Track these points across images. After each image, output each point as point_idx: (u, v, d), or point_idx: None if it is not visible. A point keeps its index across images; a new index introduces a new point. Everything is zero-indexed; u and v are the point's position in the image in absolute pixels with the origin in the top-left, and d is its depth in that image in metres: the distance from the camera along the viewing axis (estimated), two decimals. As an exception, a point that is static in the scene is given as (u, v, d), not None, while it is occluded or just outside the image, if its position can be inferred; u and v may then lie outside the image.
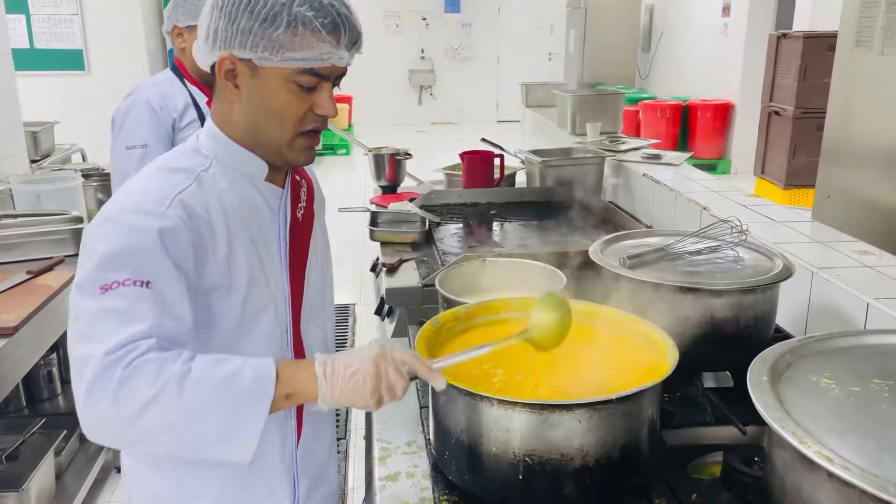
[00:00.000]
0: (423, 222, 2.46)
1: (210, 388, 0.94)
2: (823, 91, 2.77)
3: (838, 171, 2.55)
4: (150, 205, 1.04)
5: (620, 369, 1.20)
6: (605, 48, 8.49)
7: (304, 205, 1.26)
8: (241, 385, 0.95)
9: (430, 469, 1.23)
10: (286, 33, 1.04)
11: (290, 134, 1.11)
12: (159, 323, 0.98)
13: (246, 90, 1.10)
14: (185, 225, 1.04)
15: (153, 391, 0.92)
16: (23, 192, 2.70)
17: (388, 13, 12.27)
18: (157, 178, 1.09)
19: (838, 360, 1.07)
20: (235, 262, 1.10)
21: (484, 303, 1.40)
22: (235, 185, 1.14)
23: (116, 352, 0.93)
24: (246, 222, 1.13)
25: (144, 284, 0.99)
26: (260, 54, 1.06)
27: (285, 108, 1.09)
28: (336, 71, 1.11)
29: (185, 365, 0.95)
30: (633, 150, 3.23)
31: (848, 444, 0.85)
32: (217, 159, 1.14)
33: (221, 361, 0.98)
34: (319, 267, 1.29)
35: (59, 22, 5.65)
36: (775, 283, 1.46)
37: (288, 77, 1.07)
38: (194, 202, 1.07)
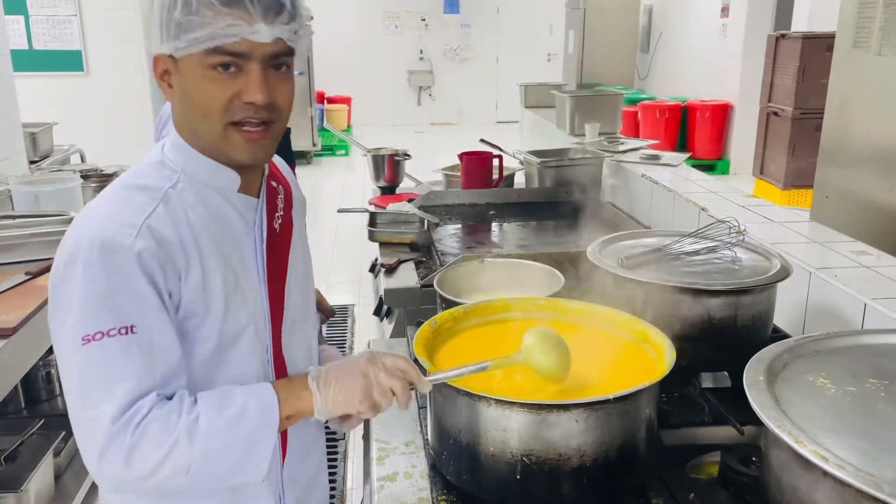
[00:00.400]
0: (421, 223, 2.46)
1: (220, 434, 0.97)
2: (822, 92, 2.78)
3: (836, 171, 2.55)
4: (117, 236, 0.97)
5: (618, 369, 1.20)
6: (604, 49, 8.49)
7: (282, 213, 1.19)
8: (250, 423, 0.99)
9: (428, 469, 1.23)
10: (183, 13, 0.97)
11: (218, 126, 1.02)
12: (151, 370, 0.97)
13: (176, 88, 1.04)
14: (156, 254, 0.99)
15: (164, 450, 0.95)
16: (21, 192, 2.70)
17: (387, 14, 12.28)
18: (122, 202, 1.02)
19: (835, 359, 1.07)
20: (210, 284, 1.04)
21: (482, 303, 1.40)
22: (205, 199, 1.07)
23: (121, 418, 0.94)
24: (218, 240, 1.07)
25: (129, 330, 0.96)
26: (172, 44, 1.00)
27: (205, 97, 1.01)
28: (260, 49, 0.99)
29: (190, 415, 0.97)
30: (631, 151, 3.24)
31: (844, 444, 0.85)
32: (185, 173, 1.07)
33: (225, 400, 1.00)
34: (300, 277, 1.22)
35: (58, 23, 5.65)
36: (773, 284, 1.47)
37: (200, 62, 0.99)
38: (163, 227, 1.01)
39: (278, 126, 1.07)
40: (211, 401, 0.99)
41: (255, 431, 0.99)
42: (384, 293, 2.10)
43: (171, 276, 1.01)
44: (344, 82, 11.50)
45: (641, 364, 1.20)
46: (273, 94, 1.03)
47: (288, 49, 1.03)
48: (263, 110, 1.02)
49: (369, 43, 12.19)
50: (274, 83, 1.03)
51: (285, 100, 1.06)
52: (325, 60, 10.44)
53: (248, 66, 1.00)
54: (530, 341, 1.14)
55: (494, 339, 1.31)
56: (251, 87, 1.00)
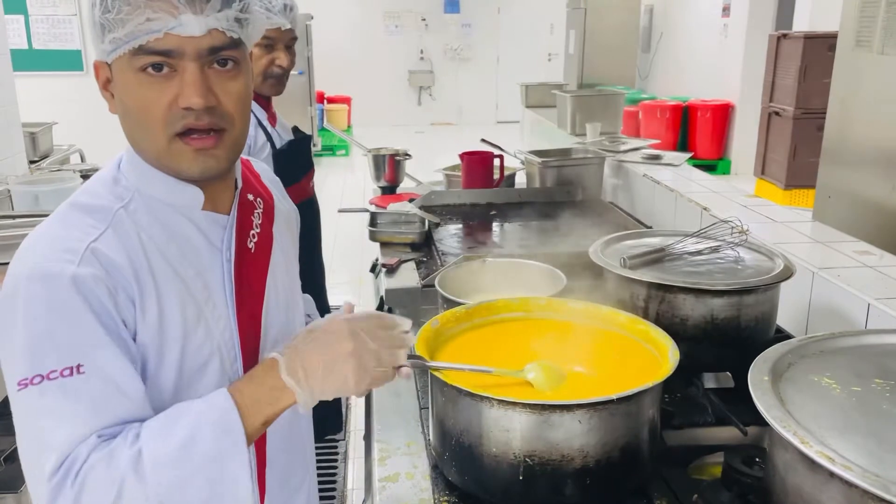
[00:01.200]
0: (422, 223, 2.45)
1: (172, 464, 0.82)
2: (823, 91, 2.78)
3: (839, 171, 2.55)
4: (56, 265, 0.86)
5: (621, 370, 1.19)
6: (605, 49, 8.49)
7: (259, 230, 1.06)
8: (205, 446, 0.84)
9: (429, 470, 1.22)
10: (101, 11, 0.86)
11: (162, 138, 0.90)
12: (102, 412, 0.84)
13: (116, 98, 0.93)
14: (103, 280, 0.87)
15: (112, 496, 0.81)
16: (21, 192, 2.70)
17: (388, 14, 12.28)
18: (66, 226, 0.91)
19: (839, 360, 1.07)
20: (166, 314, 0.92)
21: (484, 303, 1.39)
22: (163, 220, 0.96)
23: (57, 473, 0.81)
24: (177, 265, 0.95)
25: (74, 371, 0.84)
26: (98, 48, 0.89)
27: (140, 105, 0.89)
28: (193, 44, 0.86)
29: (132, 449, 0.82)
30: (633, 151, 3.23)
31: (849, 445, 0.85)
32: (139, 191, 0.96)
33: (170, 425, 0.85)
34: (282, 299, 1.10)
35: (58, 22, 5.65)
36: (776, 284, 1.46)
37: (128, 65, 0.88)
38: (111, 251, 0.90)
39: (233, 133, 0.94)
40: (153, 428, 0.85)
41: (215, 452, 0.84)
42: (385, 293, 2.09)
43: (123, 303, 0.89)
44: (344, 82, 11.50)
45: (644, 364, 1.20)
46: (216, 96, 0.90)
47: (230, 41, 0.90)
48: (206, 115, 0.90)
49: (369, 43, 12.19)
50: (218, 83, 0.90)
51: (234, 101, 0.92)
52: (325, 60, 10.45)
53: (182, 65, 0.88)
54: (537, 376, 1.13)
55: (497, 339, 1.30)
56: (186, 89, 0.88)
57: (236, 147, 0.97)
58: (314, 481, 1.28)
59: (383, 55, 12.33)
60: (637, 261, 1.55)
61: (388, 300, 2.10)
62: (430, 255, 2.32)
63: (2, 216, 2.53)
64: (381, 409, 1.45)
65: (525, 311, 1.39)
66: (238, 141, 0.96)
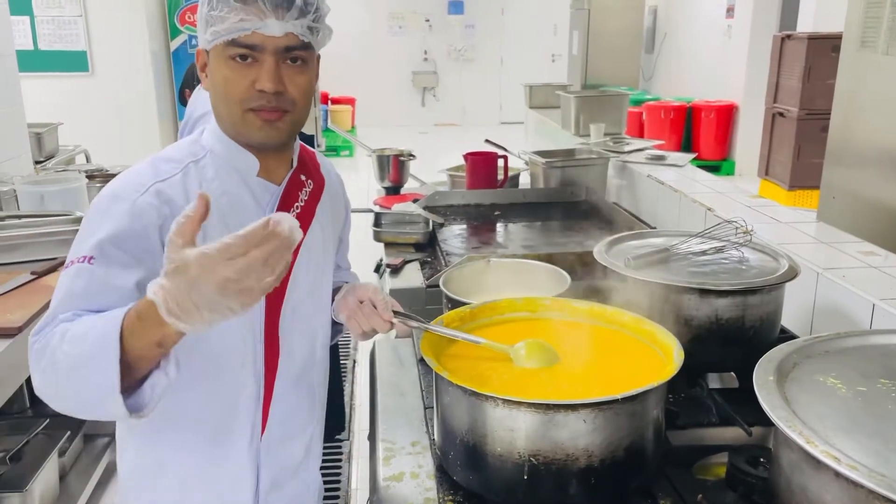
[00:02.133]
0: (426, 223, 2.46)
1: (70, 347, 0.94)
2: (828, 92, 2.77)
3: (843, 171, 2.54)
4: (126, 190, 1.09)
5: (625, 369, 1.20)
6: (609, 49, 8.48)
7: (302, 205, 1.25)
8: (90, 341, 0.92)
9: (434, 469, 1.23)
10: (207, 9, 1.09)
11: (237, 111, 1.12)
12: (88, 299, 1.01)
13: (209, 77, 1.15)
14: (156, 210, 1.08)
15: (45, 361, 0.96)
16: (27, 192, 2.70)
17: (392, 14, 12.29)
18: (147, 168, 1.14)
19: (845, 360, 1.07)
20: None
21: (489, 303, 1.39)
22: (224, 177, 1.17)
23: (37, 334, 1.00)
24: (226, 213, 1.14)
25: (87, 259, 1.03)
26: (202, 38, 1.12)
27: (225, 84, 1.11)
28: (272, 42, 1.08)
29: (67, 326, 0.97)
30: (637, 151, 3.23)
31: (855, 444, 0.85)
32: (212, 152, 1.18)
33: (92, 319, 0.96)
34: (313, 267, 1.27)
35: (63, 23, 5.66)
36: (781, 284, 1.46)
37: (221, 53, 1.10)
38: (172, 191, 1.11)
39: (295, 115, 1.15)
40: (86, 317, 0.98)
41: (96, 344, 0.90)
42: (389, 293, 2.09)
43: (166, 234, 0.99)
44: (348, 83, 11.51)
45: (649, 364, 1.20)
46: (285, 84, 1.11)
47: (301, 43, 1.11)
48: (275, 98, 1.10)
49: (373, 44, 12.20)
50: (287, 75, 1.11)
51: (299, 91, 1.13)
52: (329, 61, 10.39)
53: (263, 57, 1.09)
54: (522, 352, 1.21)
55: (501, 339, 1.30)
56: (262, 76, 1.09)
57: (295, 126, 1.17)
58: (319, 433, 1.39)
59: (387, 56, 12.34)
60: (641, 261, 1.55)
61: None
62: (434, 256, 2.32)
63: (8, 216, 2.53)
64: (385, 409, 1.45)
65: (529, 311, 1.39)
66: (298, 121, 1.17)
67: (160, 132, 5.66)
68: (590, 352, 1.26)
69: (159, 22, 6.02)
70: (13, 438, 2.35)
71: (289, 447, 1.30)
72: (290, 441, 1.30)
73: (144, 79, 5.71)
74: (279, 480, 1.29)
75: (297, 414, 1.31)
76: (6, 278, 2.16)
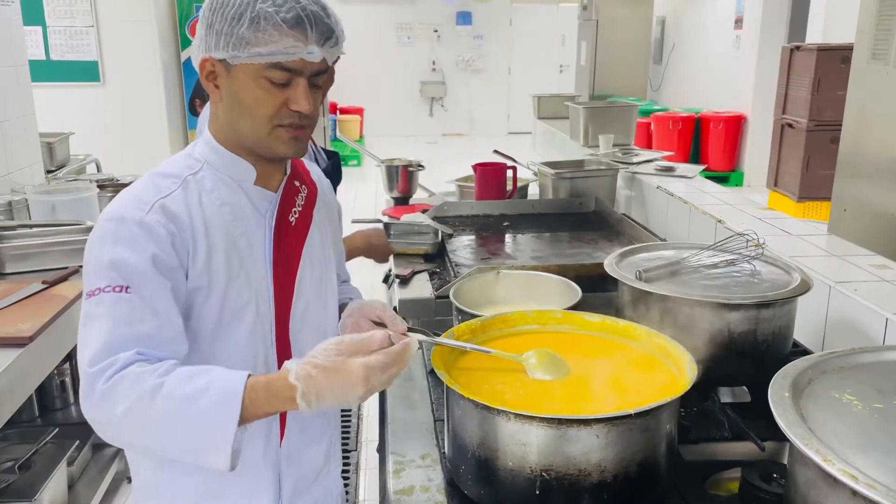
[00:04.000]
0: (435, 234, 2.45)
1: (176, 403, 0.99)
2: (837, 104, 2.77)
3: (854, 184, 2.53)
4: (132, 210, 1.11)
5: (638, 384, 1.19)
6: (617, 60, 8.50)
7: (300, 209, 1.28)
8: (207, 401, 0.99)
9: (444, 483, 1.22)
10: (250, 29, 1.08)
11: (265, 126, 1.14)
12: (136, 327, 1.05)
13: (224, 90, 1.15)
14: (164, 227, 1.10)
15: (127, 404, 1.00)
16: (38, 202, 2.72)
17: (400, 25, 12.35)
18: (146, 186, 1.15)
19: (860, 376, 1.06)
20: (214, 260, 1.15)
21: (499, 315, 1.39)
22: (222, 187, 1.19)
23: (97, 364, 1.02)
24: (228, 223, 1.17)
25: (123, 289, 1.06)
26: (231, 52, 1.10)
27: (256, 103, 1.12)
28: (310, 67, 1.12)
29: (159, 379, 1.00)
30: (646, 163, 3.23)
31: (872, 462, 0.84)
32: (208, 163, 1.20)
33: (196, 375, 1.02)
34: (317, 271, 1.30)
35: (75, 34, 5.70)
36: (793, 298, 1.45)
37: (257, 73, 1.10)
38: (176, 206, 1.13)
39: (311, 129, 1.20)
40: (182, 372, 1.02)
41: (212, 410, 0.99)
42: (399, 304, 2.09)
43: (180, 248, 1.11)
44: (356, 93, 11.55)
45: (661, 378, 1.19)
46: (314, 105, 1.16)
47: (327, 66, 1.16)
48: (305, 118, 1.15)
49: (382, 54, 12.25)
50: (312, 95, 1.15)
51: (317, 108, 1.19)
52: (337, 71, 10.38)
53: (297, 79, 1.12)
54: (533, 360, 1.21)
55: (512, 351, 1.30)
56: (300, 98, 1.12)
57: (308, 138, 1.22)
58: (337, 438, 1.43)
59: (396, 66, 12.39)
60: (653, 273, 1.54)
61: (401, 311, 2.10)
62: (443, 266, 2.32)
63: (19, 225, 2.55)
64: (395, 421, 1.45)
65: (541, 323, 1.38)
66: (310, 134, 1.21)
67: (170, 142, 5.69)
68: (602, 366, 1.26)
69: (170, 32, 6.06)
70: (22, 447, 2.35)
71: (309, 453, 1.32)
72: (311, 447, 1.32)
73: (155, 89, 5.74)
74: (301, 487, 1.31)
75: (315, 418, 1.32)
76: (17, 287, 2.17)
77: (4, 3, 3.12)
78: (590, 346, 1.32)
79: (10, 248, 2.37)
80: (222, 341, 1.17)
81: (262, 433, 1.23)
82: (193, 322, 1.15)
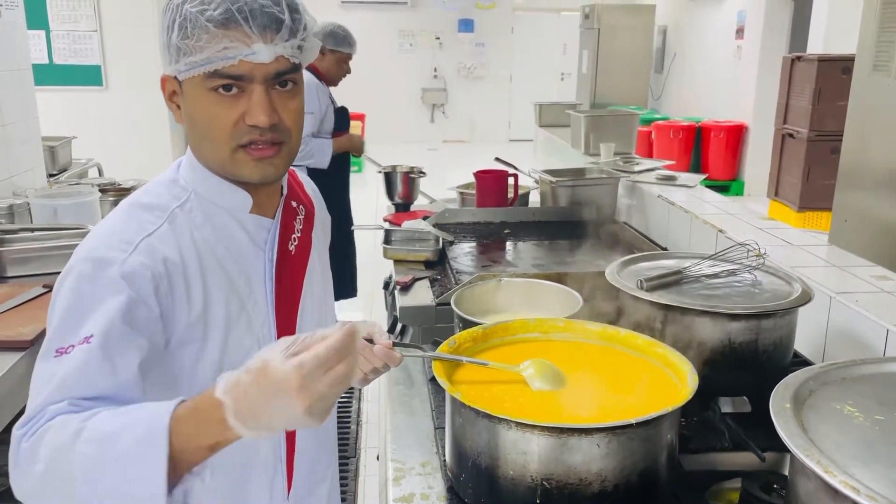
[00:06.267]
0: (436, 241, 2.46)
1: (96, 444, 0.81)
2: (838, 114, 2.78)
3: (855, 194, 2.54)
4: (112, 251, 0.94)
5: (639, 393, 1.19)
6: (618, 69, 8.52)
7: (300, 234, 1.15)
8: (128, 439, 0.80)
9: (445, 491, 1.22)
10: (179, 36, 0.94)
11: (226, 149, 0.98)
12: (80, 383, 0.87)
13: (183, 110, 1.01)
14: (150, 270, 0.94)
15: (45, 462, 0.82)
16: (40, 205, 2.72)
17: (402, 32, 12.39)
18: (127, 220, 1.00)
19: (861, 387, 1.06)
20: (211, 306, 1.01)
21: (501, 323, 1.39)
22: (214, 219, 1.04)
23: (22, 427, 0.85)
24: (223, 261, 1.03)
25: (85, 340, 0.89)
26: (172, 67, 0.97)
27: (209, 121, 0.97)
28: (261, 69, 0.95)
29: (82, 423, 0.82)
30: (647, 172, 3.23)
31: (874, 474, 0.84)
32: (195, 192, 1.05)
33: (121, 412, 0.83)
34: (317, 300, 1.19)
35: (79, 38, 5.72)
36: (794, 308, 1.45)
37: (200, 85, 0.96)
38: (163, 245, 0.98)
39: (290, 145, 1.03)
40: (105, 413, 0.84)
41: (136, 447, 0.79)
42: (399, 311, 2.09)
43: (164, 294, 0.96)
44: (358, 99, 11.54)
45: (662, 388, 1.19)
46: (279, 114, 0.99)
47: (292, 66, 0.99)
48: (269, 131, 0.98)
49: (384, 60, 12.28)
50: (279, 102, 0.99)
51: (292, 118, 1.01)
52: (339, 77, 10.51)
53: (251, 87, 0.96)
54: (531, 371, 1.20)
55: (513, 360, 1.30)
56: (254, 109, 0.96)
57: (290, 157, 1.05)
58: (336, 474, 1.34)
59: (397, 73, 12.42)
60: (654, 283, 1.54)
61: (402, 318, 2.10)
62: (444, 273, 2.32)
63: (21, 229, 2.55)
64: (395, 429, 1.44)
65: (542, 332, 1.38)
66: (292, 151, 1.05)
67: (172, 146, 5.70)
68: (603, 375, 1.26)
69: (173, 37, 6.08)
70: (21, 451, 2.34)
71: (314, 498, 1.24)
72: (315, 491, 1.25)
73: (158, 93, 5.70)
74: None
75: (320, 461, 1.26)
76: (18, 291, 2.17)
77: (9, 7, 3.13)
78: (591, 354, 1.32)
79: (11, 251, 2.36)
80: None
81: (267, 483, 1.14)
82: (186, 383, 0.99)
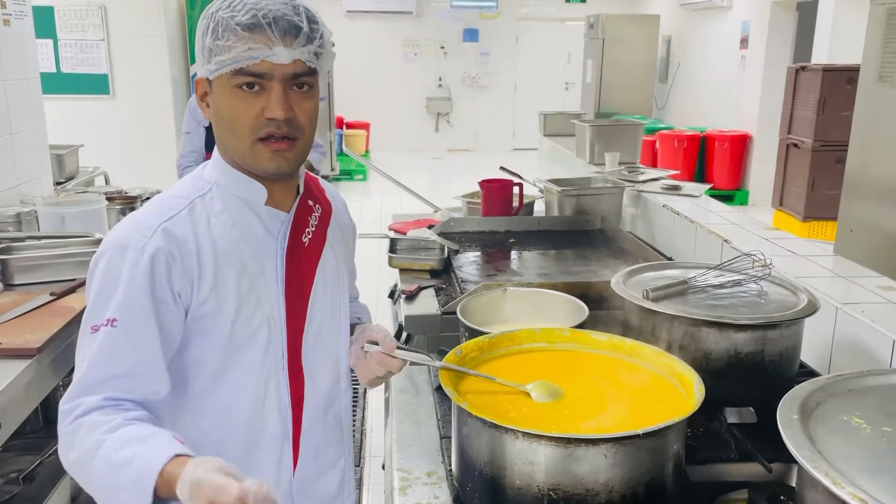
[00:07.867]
0: (442, 250, 2.46)
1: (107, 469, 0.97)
2: (842, 124, 2.79)
3: (861, 205, 2.54)
4: (135, 236, 1.08)
5: (645, 403, 1.19)
6: (622, 78, 8.55)
7: (314, 230, 1.24)
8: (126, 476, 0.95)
9: (451, 501, 1.22)
10: (212, 38, 1.08)
11: (247, 142, 1.11)
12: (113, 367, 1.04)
13: (211, 107, 1.14)
14: (164, 253, 1.08)
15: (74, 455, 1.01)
16: (47, 213, 2.73)
17: (407, 41, 12.43)
18: (153, 208, 1.14)
19: (868, 399, 1.06)
20: (223, 284, 1.12)
21: (507, 333, 1.39)
22: (232, 209, 1.16)
23: (67, 403, 1.03)
24: (238, 245, 1.14)
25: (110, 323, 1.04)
26: (205, 67, 1.10)
27: (232, 114, 1.10)
28: (280, 70, 1.08)
29: (104, 436, 0.99)
30: (652, 181, 3.23)
31: (881, 486, 0.84)
32: (217, 184, 1.17)
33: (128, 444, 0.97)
34: (329, 293, 1.27)
35: (86, 47, 5.76)
36: (801, 319, 1.45)
37: (227, 83, 1.09)
38: (180, 229, 1.10)
39: (302, 142, 1.14)
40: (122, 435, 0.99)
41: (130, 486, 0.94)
42: (405, 320, 2.09)
43: (180, 275, 1.09)
44: (363, 108, 11.62)
45: (669, 398, 1.19)
46: (294, 111, 1.10)
47: (308, 69, 1.11)
48: (284, 125, 1.10)
49: (388, 70, 12.33)
50: (295, 101, 1.11)
51: (306, 116, 1.13)
52: (344, 86, 10.57)
53: (270, 85, 1.08)
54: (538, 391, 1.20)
55: (519, 370, 1.30)
56: (272, 104, 1.08)
57: (303, 153, 1.16)
58: (350, 465, 1.38)
59: (402, 82, 12.46)
60: (660, 293, 1.54)
61: (407, 327, 2.10)
62: (449, 282, 2.32)
63: (28, 237, 2.56)
64: (401, 438, 1.45)
65: (548, 342, 1.38)
66: (305, 148, 1.16)
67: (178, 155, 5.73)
68: (609, 385, 1.26)
69: (179, 47, 6.12)
70: (26, 458, 2.35)
71: (323, 483, 1.29)
72: (324, 476, 1.30)
73: (164, 102, 5.78)
74: None
75: (328, 447, 1.30)
76: (26, 299, 2.17)
77: (18, 17, 3.15)
78: (597, 364, 1.32)
79: (18, 259, 2.37)
80: (230, 370, 1.15)
81: (274, 461, 1.21)
82: (196, 352, 1.13)
